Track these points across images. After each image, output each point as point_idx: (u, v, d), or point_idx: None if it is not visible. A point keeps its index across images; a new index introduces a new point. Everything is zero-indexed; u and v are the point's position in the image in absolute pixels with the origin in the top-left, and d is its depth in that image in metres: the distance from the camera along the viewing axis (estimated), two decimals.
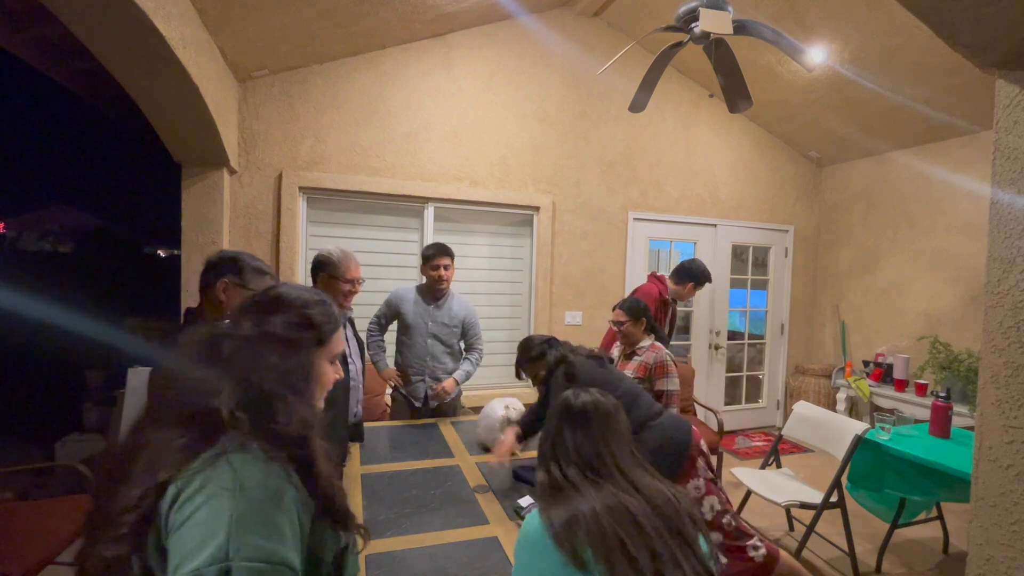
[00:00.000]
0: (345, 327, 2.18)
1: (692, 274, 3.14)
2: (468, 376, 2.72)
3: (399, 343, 2.67)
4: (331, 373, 0.88)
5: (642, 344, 2.57)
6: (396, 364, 2.69)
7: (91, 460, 3.03)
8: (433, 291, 2.64)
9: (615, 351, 2.73)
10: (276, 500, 0.65)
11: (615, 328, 2.63)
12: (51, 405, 3.87)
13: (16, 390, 4.24)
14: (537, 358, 2.10)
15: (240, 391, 0.71)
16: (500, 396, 3.68)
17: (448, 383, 2.61)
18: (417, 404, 2.63)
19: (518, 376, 2.21)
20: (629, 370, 2.51)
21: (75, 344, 3.62)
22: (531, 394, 3.77)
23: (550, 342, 2.12)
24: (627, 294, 4.14)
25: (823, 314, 4.80)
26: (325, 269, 2.07)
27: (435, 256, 2.58)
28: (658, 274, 3.23)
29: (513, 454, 2.02)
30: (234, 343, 0.75)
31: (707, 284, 3.22)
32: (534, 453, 1.76)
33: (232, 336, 0.76)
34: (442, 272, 2.58)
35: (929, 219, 3.94)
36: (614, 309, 2.64)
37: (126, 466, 0.68)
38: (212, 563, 0.58)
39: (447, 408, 2.71)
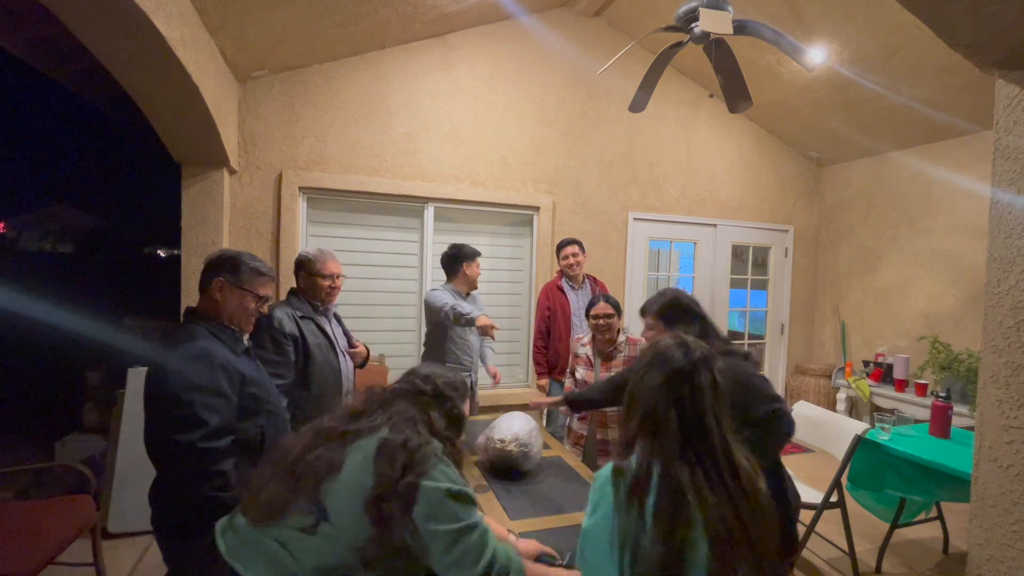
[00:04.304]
0: (330, 322, 2.20)
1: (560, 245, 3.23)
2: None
3: (447, 339, 2.68)
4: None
5: (620, 340, 2.46)
6: (428, 358, 2.77)
7: (91, 460, 3.03)
8: (469, 288, 2.79)
9: (580, 370, 2.53)
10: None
11: (602, 322, 2.41)
12: (51, 405, 3.87)
13: (16, 390, 4.24)
14: (682, 319, 1.72)
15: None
16: (498, 394, 3.70)
17: (498, 372, 2.93)
18: None
19: (642, 314, 1.87)
20: (616, 371, 2.38)
21: (75, 344, 3.62)
22: (534, 394, 3.77)
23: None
24: (627, 294, 4.15)
25: (823, 314, 4.80)
26: (304, 268, 2.11)
27: (478, 255, 2.79)
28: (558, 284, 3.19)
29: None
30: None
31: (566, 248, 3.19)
32: None
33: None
34: (479, 271, 2.79)
35: (929, 219, 3.94)
36: (595, 306, 2.44)
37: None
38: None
39: (471, 406, 2.78)
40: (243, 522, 1.08)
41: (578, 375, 2.52)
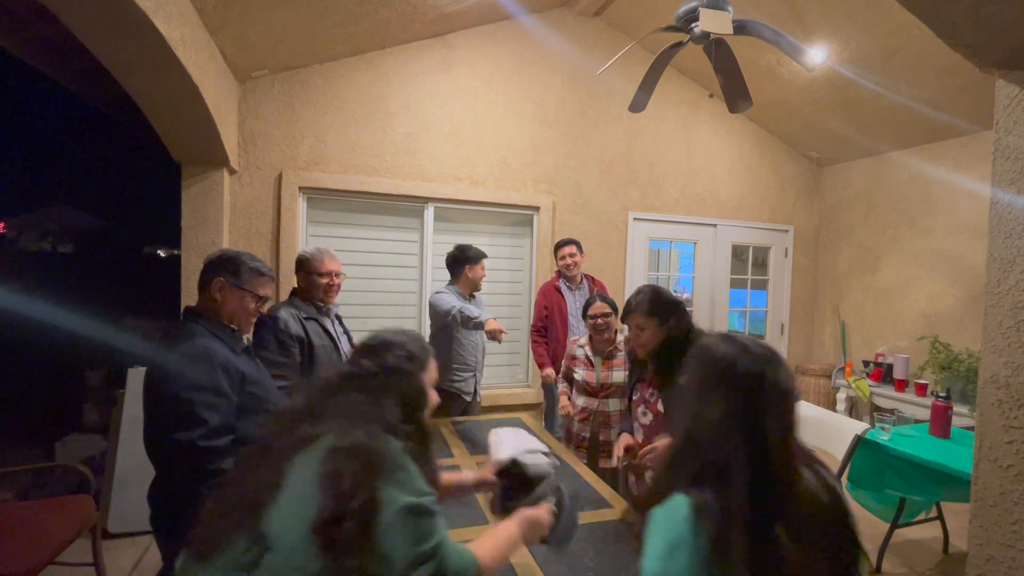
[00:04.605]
0: (333, 323, 2.19)
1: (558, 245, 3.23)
2: None
3: (452, 342, 2.67)
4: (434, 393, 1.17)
5: (619, 339, 2.41)
6: (441, 360, 2.76)
7: (91, 460, 3.03)
8: (472, 291, 2.78)
9: (580, 372, 2.43)
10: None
11: (600, 322, 2.36)
12: (51, 405, 3.87)
13: (16, 390, 4.24)
14: (674, 312, 1.75)
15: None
16: (498, 394, 3.70)
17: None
18: (467, 399, 2.72)
19: (623, 320, 1.88)
20: (617, 370, 2.35)
21: (75, 344, 3.62)
22: (534, 394, 3.77)
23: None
24: (627, 294, 4.14)
25: (823, 314, 4.80)
26: (303, 267, 2.13)
27: (483, 257, 2.78)
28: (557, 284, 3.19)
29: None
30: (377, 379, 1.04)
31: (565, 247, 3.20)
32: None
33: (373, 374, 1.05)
34: (483, 273, 2.79)
35: (929, 219, 3.94)
36: (592, 306, 2.39)
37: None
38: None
39: (473, 407, 2.80)
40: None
41: (578, 376, 2.49)
